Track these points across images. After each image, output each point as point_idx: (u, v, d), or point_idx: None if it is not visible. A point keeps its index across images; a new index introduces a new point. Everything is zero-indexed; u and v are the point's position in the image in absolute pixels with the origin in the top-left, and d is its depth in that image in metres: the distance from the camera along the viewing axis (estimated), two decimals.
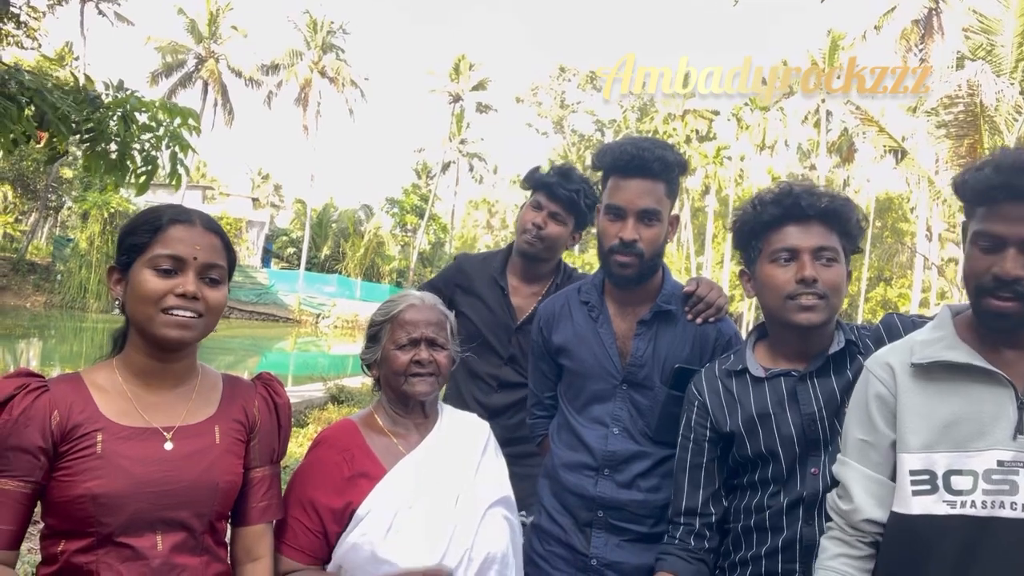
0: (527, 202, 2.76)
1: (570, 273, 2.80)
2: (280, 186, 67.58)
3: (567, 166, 2.77)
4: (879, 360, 1.55)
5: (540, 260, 2.72)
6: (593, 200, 2.67)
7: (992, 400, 1.39)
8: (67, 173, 32.61)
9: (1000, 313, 1.39)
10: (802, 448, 1.75)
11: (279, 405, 1.67)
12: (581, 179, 2.70)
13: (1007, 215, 1.37)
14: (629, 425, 2.08)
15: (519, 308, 2.69)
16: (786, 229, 1.75)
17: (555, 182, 2.66)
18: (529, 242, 2.68)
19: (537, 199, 2.70)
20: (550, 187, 2.67)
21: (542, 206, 2.68)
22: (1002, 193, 1.38)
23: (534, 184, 2.74)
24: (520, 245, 2.71)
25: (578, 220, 2.72)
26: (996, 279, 1.37)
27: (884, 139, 20.86)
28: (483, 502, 1.77)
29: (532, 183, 2.75)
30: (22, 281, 31.24)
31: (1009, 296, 1.37)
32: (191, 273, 1.47)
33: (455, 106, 46.89)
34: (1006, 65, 16.55)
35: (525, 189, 2.80)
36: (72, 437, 1.40)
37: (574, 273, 2.81)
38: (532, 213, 2.69)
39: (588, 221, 2.72)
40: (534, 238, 2.66)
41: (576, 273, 2.82)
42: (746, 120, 41.88)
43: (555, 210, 2.67)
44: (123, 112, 4.43)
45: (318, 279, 37.52)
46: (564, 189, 2.65)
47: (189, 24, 38.67)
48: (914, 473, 1.42)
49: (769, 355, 1.86)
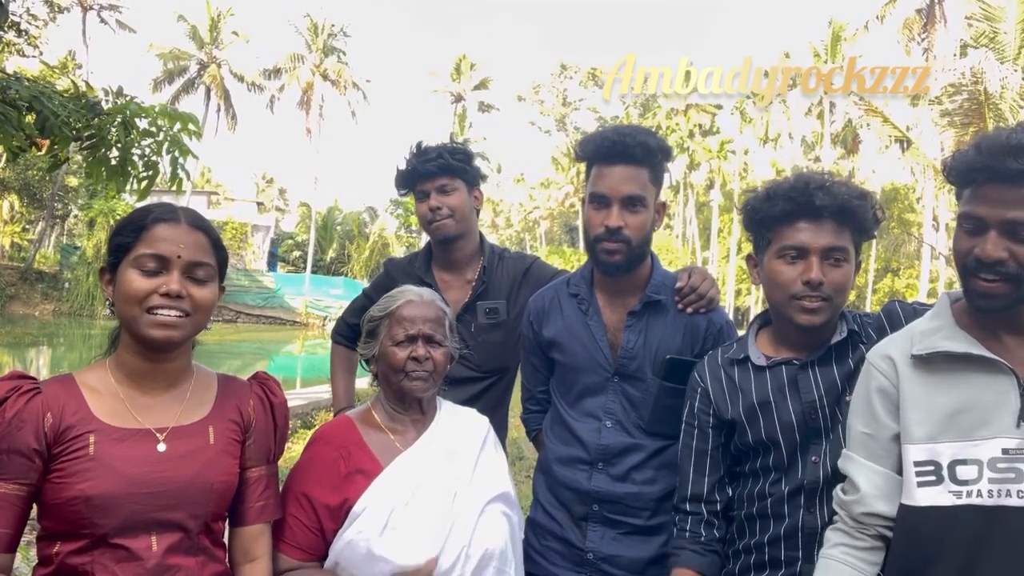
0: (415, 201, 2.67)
1: (500, 252, 2.71)
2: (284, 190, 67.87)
3: (416, 144, 2.67)
4: (880, 352, 1.54)
5: (460, 238, 2.61)
6: (463, 154, 2.63)
7: (994, 388, 1.38)
8: (72, 181, 32.77)
9: (986, 293, 1.38)
10: (802, 436, 1.75)
11: (275, 405, 1.67)
12: (436, 147, 2.62)
13: (988, 197, 1.37)
14: (622, 418, 2.07)
15: (455, 301, 2.55)
16: (797, 225, 1.72)
17: (415, 165, 2.59)
18: (439, 226, 2.57)
19: (418, 191, 2.61)
20: (416, 173, 2.59)
21: (426, 192, 2.59)
22: (983, 175, 1.38)
23: (402, 185, 2.67)
24: (435, 235, 2.61)
25: (464, 179, 2.62)
26: (978, 261, 1.37)
27: (889, 129, 20.79)
28: (481, 498, 1.76)
29: (401, 185, 2.67)
30: (30, 290, 31.44)
31: (993, 277, 1.37)
32: (175, 272, 1.45)
33: (457, 106, 46.93)
34: (1009, 52, 16.47)
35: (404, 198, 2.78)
36: (65, 439, 1.40)
37: (505, 252, 2.73)
38: (422, 205, 2.61)
39: (474, 176, 2.66)
40: (442, 220, 2.56)
41: (508, 251, 2.75)
42: (749, 114, 41.77)
43: (439, 184, 2.57)
44: (123, 118, 4.44)
45: (324, 282, 37.58)
46: (428, 162, 2.57)
47: (190, 30, 38.77)
48: (919, 464, 1.41)
49: (772, 343, 1.85)
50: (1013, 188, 1.35)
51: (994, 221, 1.36)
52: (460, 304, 2.58)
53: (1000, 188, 1.35)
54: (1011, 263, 1.35)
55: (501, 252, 2.71)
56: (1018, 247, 1.35)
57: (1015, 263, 1.35)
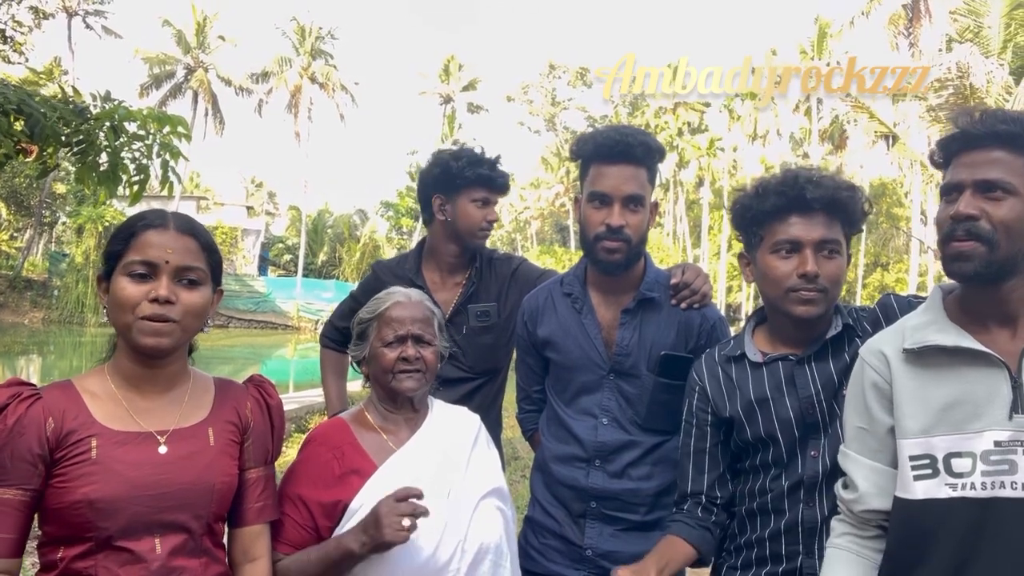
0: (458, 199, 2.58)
1: (489, 255, 2.71)
2: (274, 193, 67.48)
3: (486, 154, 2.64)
4: (872, 348, 1.55)
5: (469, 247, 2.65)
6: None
7: (985, 381, 1.38)
8: (60, 188, 32.59)
9: (959, 253, 1.38)
10: (801, 431, 1.76)
11: (271, 406, 1.68)
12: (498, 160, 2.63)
13: (963, 162, 1.41)
14: (618, 415, 2.09)
15: (445, 302, 2.57)
16: (789, 220, 1.73)
17: (498, 175, 2.60)
18: (485, 236, 2.62)
19: (482, 196, 2.58)
20: (494, 181, 2.60)
21: (489, 201, 2.60)
22: (958, 143, 1.42)
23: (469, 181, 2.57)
24: (474, 241, 2.61)
25: None
26: (952, 220, 1.39)
27: (875, 125, 20.89)
28: (475, 494, 1.78)
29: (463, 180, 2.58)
30: (19, 298, 31.22)
31: (965, 236, 1.38)
32: (164, 277, 1.46)
33: (446, 107, 46.86)
34: (994, 46, 16.60)
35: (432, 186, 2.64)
36: (66, 443, 1.40)
37: (494, 254, 2.74)
38: (480, 211, 2.59)
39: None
40: (488, 231, 2.61)
41: (496, 253, 2.76)
42: (737, 111, 41.89)
43: (499, 199, 2.65)
44: (112, 123, 4.42)
45: (316, 285, 37.47)
46: (502, 178, 2.60)
47: (176, 35, 38.58)
48: (914, 458, 1.42)
49: (768, 340, 1.86)
50: (986, 151, 1.38)
51: (969, 182, 1.39)
52: (450, 305, 2.60)
53: (974, 153, 1.40)
54: (984, 222, 1.36)
55: (490, 254, 2.73)
56: (992, 207, 1.37)
57: (988, 222, 1.36)
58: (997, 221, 1.36)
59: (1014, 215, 1.36)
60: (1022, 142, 1.38)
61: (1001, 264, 1.37)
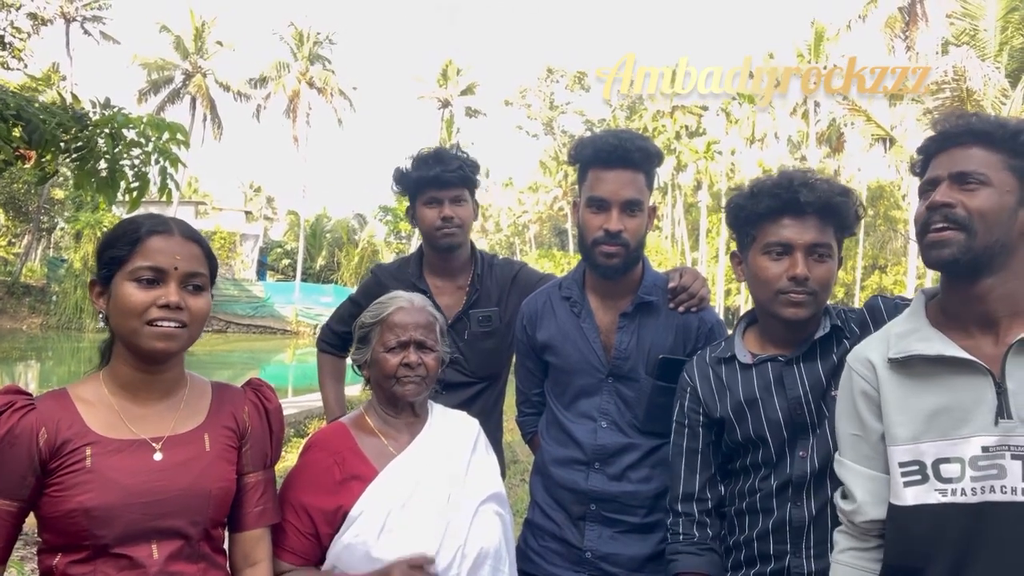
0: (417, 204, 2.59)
1: (490, 260, 2.71)
2: (272, 198, 67.56)
3: (435, 150, 2.61)
4: (859, 356, 1.55)
5: (460, 248, 2.61)
6: (476, 166, 2.61)
7: (970, 388, 1.38)
8: (58, 194, 32.57)
9: (937, 241, 1.40)
10: (790, 432, 1.77)
11: (270, 410, 1.67)
12: (455, 156, 2.57)
13: (941, 161, 1.45)
14: (617, 418, 2.10)
15: (448, 307, 2.57)
16: (782, 222, 1.75)
17: (439, 171, 2.52)
18: (448, 235, 2.55)
19: (430, 196, 2.55)
20: (438, 178, 2.52)
21: (439, 200, 2.54)
22: (935, 144, 1.47)
23: (417, 185, 2.56)
24: (439, 243, 2.57)
25: (472, 191, 2.63)
26: (928, 210, 1.42)
27: (872, 128, 20.94)
28: (475, 499, 1.78)
29: (409, 186, 2.58)
30: (17, 304, 31.19)
31: (942, 223, 1.39)
32: (173, 283, 1.46)
33: (444, 111, 46.91)
34: (990, 50, 16.65)
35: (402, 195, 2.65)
36: (61, 453, 1.40)
37: (494, 259, 2.73)
38: (432, 212, 2.55)
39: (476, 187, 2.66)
40: (452, 230, 2.55)
41: (496, 258, 2.75)
42: (735, 114, 41.96)
43: (454, 194, 2.55)
44: (111, 129, 4.43)
45: (314, 290, 37.43)
46: (450, 172, 2.52)
47: (175, 40, 38.62)
48: (903, 465, 1.42)
49: (758, 341, 1.87)
50: (962, 148, 1.42)
51: (944, 175, 1.43)
52: (453, 310, 2.60)
53: (951, 151, 1.43)
54: (960, 209, 1.38)
55: (491, 259, 2.73)
56: (966, 197, 1.39)
57: (964, 209, 1.38)
58: (972, 209, 1.38)
59: (989, 204, 1.38)
60: (997, 139, 1.41)
61: (979, 253, 1.38)
